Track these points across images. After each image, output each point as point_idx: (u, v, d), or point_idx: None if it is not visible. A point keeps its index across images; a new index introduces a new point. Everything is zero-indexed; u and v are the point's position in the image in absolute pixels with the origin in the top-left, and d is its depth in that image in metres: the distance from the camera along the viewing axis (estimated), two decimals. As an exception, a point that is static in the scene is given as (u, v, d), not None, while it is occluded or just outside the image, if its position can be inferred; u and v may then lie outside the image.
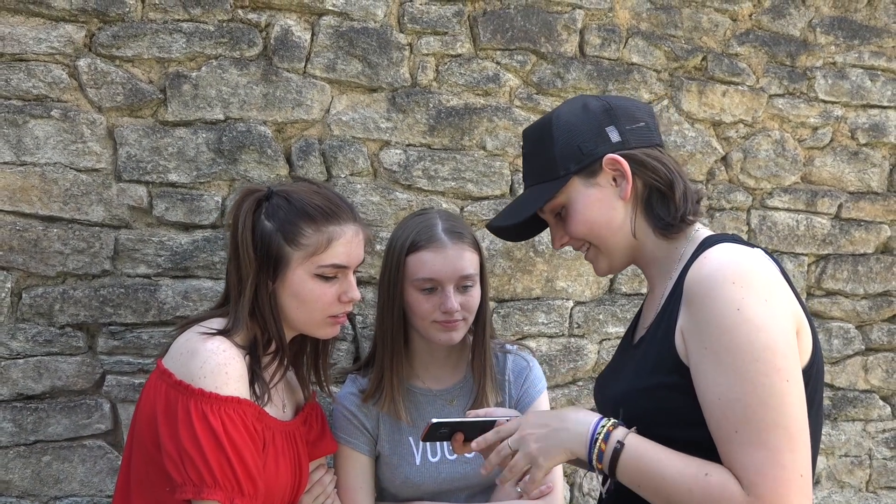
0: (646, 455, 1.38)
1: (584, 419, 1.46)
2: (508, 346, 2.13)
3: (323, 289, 1.71)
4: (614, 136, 1.54)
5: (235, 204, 1.73)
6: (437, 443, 1.99)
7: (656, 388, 1.43)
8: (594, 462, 1.42)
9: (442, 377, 2.06)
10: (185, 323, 1.73)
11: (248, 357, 1.67)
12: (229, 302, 1.74)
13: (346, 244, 1.72)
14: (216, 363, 1.57)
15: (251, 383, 1.65)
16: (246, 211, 1.69)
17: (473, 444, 1.57)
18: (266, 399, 1.68)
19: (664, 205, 1.54)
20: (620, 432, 1.41)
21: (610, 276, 2.65)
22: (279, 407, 1.78)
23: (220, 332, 1.65)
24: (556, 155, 1.56)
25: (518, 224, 1.63)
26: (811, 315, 2.84)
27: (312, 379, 1.93)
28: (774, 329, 1.30)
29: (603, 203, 1.54)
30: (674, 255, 1.54)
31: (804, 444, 1.29)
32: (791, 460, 1.27)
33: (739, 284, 1.32)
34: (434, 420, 1.56)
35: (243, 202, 1.71)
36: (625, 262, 1.61)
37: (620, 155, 1.52)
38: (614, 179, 1.54)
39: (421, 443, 1.99)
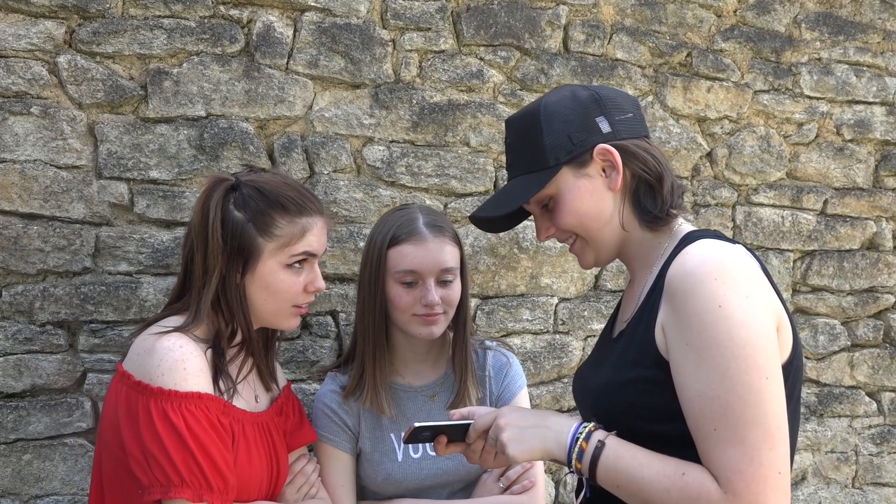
0: (625, 455, 1.38)
1: (566, 421, 1.47)
2: (488, 343, 2.14)
3: (292, 279, 1.72)
4: (605, 126, 1.52)
5: (204, 194, 1.72)
6: None
7: (635, 381, 1.43)
8: (573, 461, 1.42)
9: (423, 373, 2.06)
10: (144, 324, 1.72)
11: (210, 351, 1.66)
12: (185, 295, 1.72)
13: (317, 234, 1.74)
14: (173, 360, 1.56)
15: (215, 377, 1.64)
16: (216, 201, 1.68)
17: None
18: (232, 392, 1.67)
19: (651, 197, 1.53)
20: (601, 433, 1.42)
21: (595, 272, 2.65)
22: (250, 398, 1.78)
23: (178, 329, 1.63)
24: (545, 145, 1.53)
25: (503, 215, 1.61)
26: (794, 311, 2.86)
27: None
28: (755, 326, 1.30)
29: (593, 194, 1.53)
30: (656, 248, 1.54)
31: (783, 441, 1.29)
32: (769, 458, 1.27)
33: (721, 280, 1.31)
34: (416, 424, 1.55)
35: (212, 192, 1.70)
36: (611, 255, 1.60)
37: (611, 145, 1.51)
38: (604, 170, 1.53)
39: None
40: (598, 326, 2.65)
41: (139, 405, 1.54)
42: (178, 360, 1.57)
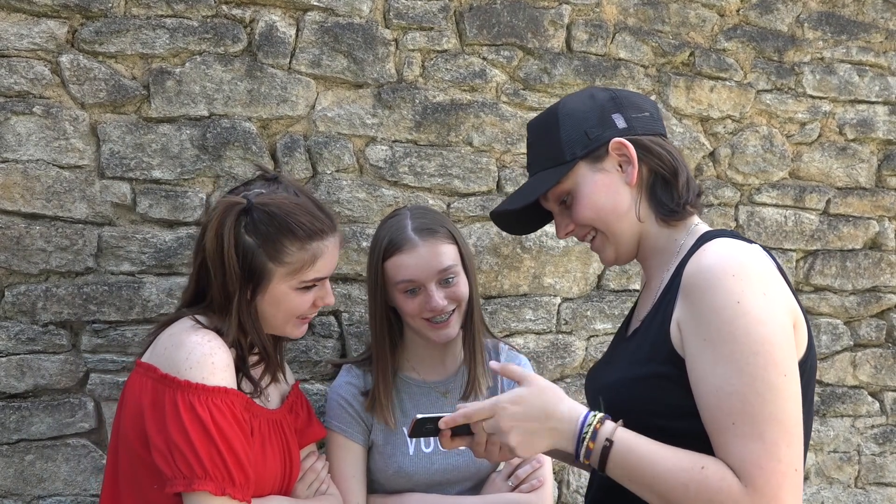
0: (637, 451, 1.36)
1: (570, 416, 1.42)
2: (502, 346, 2.17)
3: (303, 298, 1.74)
4: (620, 122, 1.56)
5: (216, 220, 1.68)
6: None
7: (650, 377, 1.43)
8: (581, 459, 1.41)
9: (437, 369, 2.08)
10: (166, 321, 1.72)
11: (234, 350, 1.67)
12: (200, 302, 1.73)
13: (328, 258, 1.74)
14: (201, 353, 1.58)
15: (238, 383, 1.65)
16: (229, 228, 1.66)
17: (441, 423, 1.48)
18: (257, 394, 1.71)
19: (667, 191, 1.55)
20: (608, 429, 1.39)
21: (598, 272, 2.65)
22: (263, 397, 1.79)
23: (207, 328, 1.65)
24: (562, 141, 1.57)
25: (522, 212, 1.63)
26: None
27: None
28: (773, 322, 1.31)
29: (609, 188, 1.55)
30: (673, 246, 1.55)
31: (798, 438, 1.30)
32: (787, 455, 1.27)
33: (739, 277, 1.32)
34: (419, 416, 1.55)
35: (225, 218, 1.67)
36: (631, 250, 1.61)
37: (626, 139, 1.53)
38: (620, 165, 1.55)
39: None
40: (601, 326, 2.65)
41: (166, 397, 1.55)
42: (207, 354, 1.58)
